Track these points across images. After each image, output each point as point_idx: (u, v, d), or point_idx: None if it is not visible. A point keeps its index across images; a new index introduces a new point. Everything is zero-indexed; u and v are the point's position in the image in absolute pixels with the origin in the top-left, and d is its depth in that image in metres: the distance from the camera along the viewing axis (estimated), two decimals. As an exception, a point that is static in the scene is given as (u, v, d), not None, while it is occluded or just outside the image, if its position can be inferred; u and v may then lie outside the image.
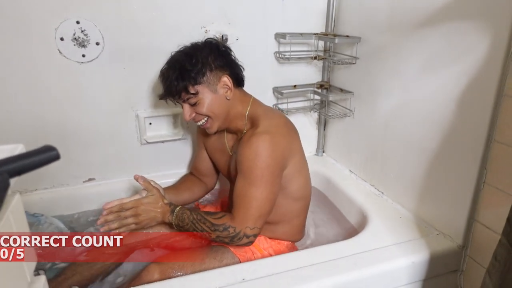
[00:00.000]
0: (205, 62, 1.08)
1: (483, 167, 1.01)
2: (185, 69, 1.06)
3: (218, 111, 1.11)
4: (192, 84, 1.07)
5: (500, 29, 0.91)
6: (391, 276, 1.05)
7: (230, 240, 1.03)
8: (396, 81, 1.28)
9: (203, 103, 1.09)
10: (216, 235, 1.03)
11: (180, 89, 1.07)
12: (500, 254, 0.69)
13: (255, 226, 1.03)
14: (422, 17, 1.13)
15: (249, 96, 1.18)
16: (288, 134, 1.13)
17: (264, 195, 1.03)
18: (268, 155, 1.03)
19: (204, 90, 1.08)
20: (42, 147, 0.43)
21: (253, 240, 1.05)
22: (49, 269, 1.17)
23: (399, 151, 1.30)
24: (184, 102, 1.10)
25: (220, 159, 1.27)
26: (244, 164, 1.04)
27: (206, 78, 1.08)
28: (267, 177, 1.03)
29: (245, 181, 1.04)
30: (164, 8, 1.34)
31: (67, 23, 1.24)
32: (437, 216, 1.19)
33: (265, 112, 1.15)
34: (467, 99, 1.03)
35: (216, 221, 1.03)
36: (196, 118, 1.12)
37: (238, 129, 1.17)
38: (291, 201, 1.17)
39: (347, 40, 1.45)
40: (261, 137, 1.04)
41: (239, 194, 1.04)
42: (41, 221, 1.28)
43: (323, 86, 1.64)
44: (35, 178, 1.41)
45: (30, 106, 1.30)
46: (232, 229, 1.02)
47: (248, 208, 1.02)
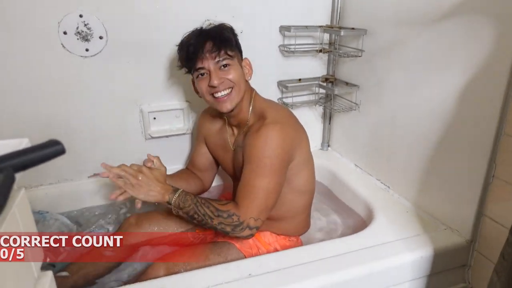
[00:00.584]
0: (236, 40, 1.11)
1: (492, 160, 1.00)
2: (229, 32, 1.09)
3: (242, 85, 1.09)
4: (232, 46, 1.08)
5: (510, 23, 0.89)
6: (398, 271, 1.04)
7: (232, 229, 0.99)
8: (403, 74, 1.26)
9: (234, 70, 1.07)
10: (219, 221, 0.99)
11: (226, 41, 1.06)
12: (508, 253, 0.68)
13: (259, 217, 1.00)
14: (431, 9, 1.11)
15: (253, 89, 1.17)
16: (297, 125, 1.13)
17: (271, 185, 1.01)
18: (279, 145, 1.02)
19: (235, 59, 1.09)
20: (47, 141, 0.42)
21: (254, 233, 1.02)
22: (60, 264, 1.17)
23: (406, 145, 1.29)
24: (217, 63, 1.05)
25: (223, 155, 1.25)
26: (253, 153, 1.02)
27: (237, 52, 1.10)
28: (276, 166, 1.02)
29: (252, 171, 1.01)
30: (167, 1, 1.33)
31: (70, 16, 1.23)
32: (444, 210, 1.17)
33: (270, 105, 1.14)
34: (476, 92, 1.01)
35: (221, 207, 1.00)
36: (221, 86, 1.06)
37: (241, 121, 1.15)
38: (297, 195, 1.16)
39: (352, 32, 1.43)
40: (271, 127, 1.02)
41: (246, 184, 1.02)
42: (46, 217, 1.28)
43: (328, 80, 1.63)
44: (40, 173, 1.40)
45: (34, 100, 1.29)
46: (236, 217, 0.98)
47: (254, 198, 1.00)
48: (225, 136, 1.22)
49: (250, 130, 1.09)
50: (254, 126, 1.08)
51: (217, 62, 1.05)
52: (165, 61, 1.40)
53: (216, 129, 1.26)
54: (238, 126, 1.18)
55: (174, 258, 1.04)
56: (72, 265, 1.10)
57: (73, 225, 1.31)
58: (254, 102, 1.14)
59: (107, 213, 1.41)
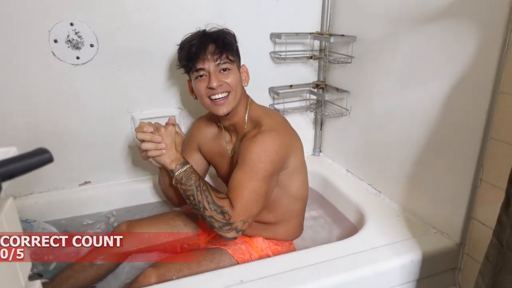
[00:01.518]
0: (236, 46, 1.14)
1: (480, 164, 1.01)
2: (231, 37, 1.12)
3: (238, 90, 1.10)
4: (233, 51, 1.10)
5: (495, 27, 0.91)
6: (389, 275, 1.05)
7: (220, 226, 0.98)
8: (392, 79, 1.28)
9: (233, 74, 1.08)
10: (210, 215, 0.98)
11: (228, 45, 1.08)
12: (492, 254, 0.69)
13: (247, 220, 1.01)
14: (418, 16, 1.14)
15: (248, 96, 1.18)
16: (291, 132, 1.15)
17: (262, 190, 1.02)
18: (274, 151, 1.03)
19: (235, 64, 1.11)
20: (35, 149, 0.42)
21: (238, 236, 1.01)
22: (46, 272, 1.16)
23: (395, 149, 1.30)
24: (218, 65, 1.06)
25: (220, 162, 1.25)
26: (248, 156, 1.03)
27: (237, 57, 1.13)
28: (269, 172, 1.03)
29: (246, 173, 1.01)
30: (159, 9, 1.33)
31: (61, 25, 1.23)
32: (434, 214, 1.19)
33: (266, 112, 1.16)
34: (463, 96, 1.03)
35: (218, 200, 0.99)
36: (219, 89, 1.06)
37: (238, 127, 1.16)
38: (292, 200, 1.17)
39: (342, 39, 1.45)
40: (267, 134, 1.04)
41: (238, 184, 1.01)
42: (33, 226, 1.26)
43: (319, 86, 1.64)
44: (30, 182, 1.39)
45: (24, 108, 1.29)
46: (228, 216, 0.98)
47: (246, 201, 1.00)
48: (222, 143, 1.22)
49: (246, 136, 1.10)
50: (250, 133, 1.09)
51: (217, 64, 1.06)
52: (156, 69, 1.41)
53: (212, 136, 1.26)
54: (235, 132, 1.18)
55: (166, 264, 1.04)
56: (61, 274, 1.08)
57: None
58: (251, 109, 1.15)
59: (97, 223, 1.40)
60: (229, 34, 1.13)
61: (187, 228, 1.28)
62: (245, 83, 1.15)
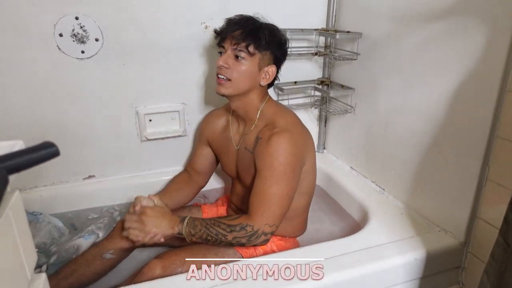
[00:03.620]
0: (273, 42, 1.10)
1: (486, 163, 1.01)
2: (262, 31, 1.08)
3: (242, 83, 1.09)
4: (259, 45, 1.07)
5: (503, 25, 0.90)
6: (392, 272, 1.05)
7: (247, 239, 1.01)
8: (398, 77, 1.27)
9: (244, 66, 1.07)
10: (233, 236, 1.00)
11: (254, 37, 1.06)
12: (497, 253, 0.69)
13: (274, 223, 1.03)
14: (425, 12, 1.13)
15: (268, 94, 1.19)
16: (305, 131, 1.15)
17: (285, 192, 1.03)
18: (291, 152, 1.04)
19: (255, 59, 1.08)
20: (42, 143, 0.42)
21: (269, 238, 1.04)
22: (50, 265, 1.17)
23: (400, 147, 1.30)
24: (235, 49, 1.06)
25: (226, 155, 1.25)
26: (267, 161, 1.04)
27: (264, 54, 1.10)
28: (289, 174, 1.04)
29: (266, 179, 1.03)
30: (164, 3, 1.33)
31: (66, 19, 1.23)
32: (438, 212, 1.18)
33: (280, 110, 1.15)
34: (470, 95, 1.02)
35: (232, 222, 1.02)
36: (224, 71, 1.07)
37: (247, 117, 1.16)
38: (298, 197, 1.16)
39: (348, 35, 1.44)
40: (282, 135, 1.04)
41: (259, 192, 1.03)
42: (39, 219, 1.27)
43: (323, 82, 1.64)
44: (35, 175, 1.40)
45: (29, 102, 1.29)
46: (250, 227, 1.00)
47: (269, 206, 1.02)
48: (229, 135, 1.23)
49: (260, 137, 1.09)
50: (264, 133, 1.09)
51: (234, 49, 1.06)
52: (160, 63, 1.40)
53: (220, 129, 1.27)
54: (244, 121, 1.19)
55: (170, 256, 1.04)
56: (66, 268, 1.09)
57: (65, 228, 1.30)
58: (266, 105, 1.15)
59: (101, 216, 1.40)
60: (265, 28, 1.10)
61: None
62: (263, 81, 1.12)
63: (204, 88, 1.50)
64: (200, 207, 1.37)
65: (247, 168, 1.14)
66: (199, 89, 1.50)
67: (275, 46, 1.11)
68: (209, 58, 1.45)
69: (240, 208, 1.27)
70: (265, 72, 1.11)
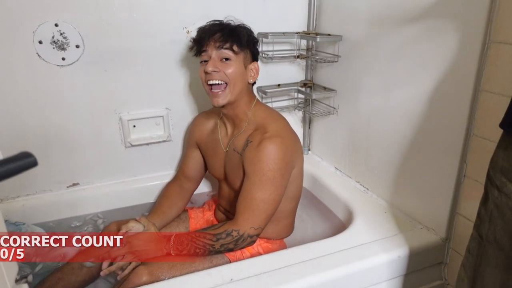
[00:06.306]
0: (250, 41, 1.15)
1: (463, 160, 1.04)
2: (241, 30, 1.12)
3: (238, 84, 1.10)
4: (241, 43, 1.09)
5: (476, 27, 0.93)
6: (377, 271, 1.07)
7: (234, 244, 1.02)
8: (377, 78, 1.30)
9: (234, 66, 1.09)
10: (220, 244, 1.01)
11: (235, 36, 1.08)
12: (473, 247, 0.71)
13: (259, 226, 1.04)
14: (401, 15, 1.15)
15: (255, 95, 1.20)
16: (294, 136, 1.16)
17: (271, 197, 1.05)
18: (281, 158, 1.05)
19: (240, 58, 1.10)
20: (18, 154, 0.42)
21: (255, 239, 1.06)
22: (36, 274, 1.15)
23: (382, 147, 1.32)
24: (220, 52, 1.08)
25: (214, 157, 1.26)
26: (257, 166, 1.04)
27: (246, 52, 1.12)
28: (278, 179, 1.05)
29: (255, 184, 1.04)
30: (145, 9, 1.33)
31: (45, 26, 1.22)
32: (420, 210, 1.21)
33: (270, 115, 1.16)
34: (446, 94, 1.05)
35: (217, 230, 1.03)
36: (216, 75, 1.07)
37: (237, 120, 1.17)
38: (286, 200, 1.18)
39: (328, 38, 1.46)
40: (273, 141, 1.05)
41: (246, 197, 1.05)
42: (22, 229, 1.25)
43: (306, 85, 1.66)
44: (17, 185, 1.38)
45: (9, 111, 1.27)
46: (236, 232, 1.02)
47: (254, 210, 1.03)
48: (217, 137, 1.23)
49: (250, 141, 1.10)
50: (254, 137, 1.09)
51: (219, 51, 1.08)
52: (143, 69, 1.40)
53: (209, 131, 1.28)
54: (233, 125, 1.19)
55: (158, 263, 1.03)
56: (51, 276, 1.08)
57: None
58: (255, 108, 1.16)
59: (84, 224, 1.39)
60: (242, 27, 1.15)
61: (179, 228, 1.29)
62: (251, 79, 1.15)
63: (187, 92, 1.50)
64: (187, 211, 1.37)
65: (235, 170, 1.15)
66: (183, 94, 1.50)
67: (252, 43, 1.15)
68: (191, 62, 1.45)
69: (228, 210, 1.28)
70: (250, 69, 1.14)
